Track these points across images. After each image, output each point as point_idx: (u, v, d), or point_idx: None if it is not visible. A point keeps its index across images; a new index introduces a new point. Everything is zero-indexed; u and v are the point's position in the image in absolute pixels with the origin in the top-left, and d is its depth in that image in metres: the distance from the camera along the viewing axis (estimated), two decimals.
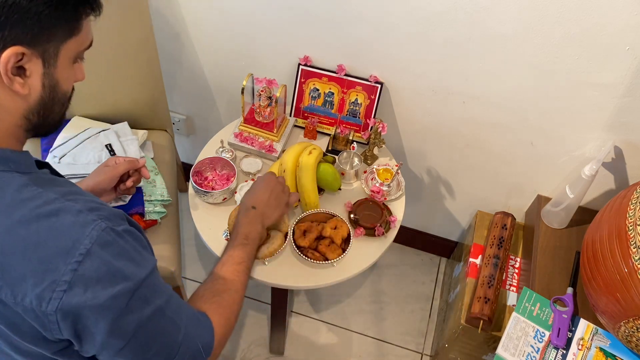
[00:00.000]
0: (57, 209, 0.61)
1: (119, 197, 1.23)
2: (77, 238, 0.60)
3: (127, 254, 0.65)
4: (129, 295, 0.63)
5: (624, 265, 0.96)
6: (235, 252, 0.92)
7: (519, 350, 1.09)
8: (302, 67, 1.35)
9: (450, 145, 1.45)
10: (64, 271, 0.59)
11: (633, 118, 1.16)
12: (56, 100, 0.67)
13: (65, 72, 0.66)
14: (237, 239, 0.95)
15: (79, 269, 0.59)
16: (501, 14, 1.09)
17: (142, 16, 1.29)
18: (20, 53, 0.59)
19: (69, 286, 0.59)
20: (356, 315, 1.76)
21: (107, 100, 1.40)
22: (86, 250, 0.60)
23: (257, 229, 1.00)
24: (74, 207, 0.62)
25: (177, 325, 0.71)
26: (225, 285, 0.87)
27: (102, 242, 0.61)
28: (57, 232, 0.60)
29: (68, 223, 0.61)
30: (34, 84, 0.63)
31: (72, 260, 0.59)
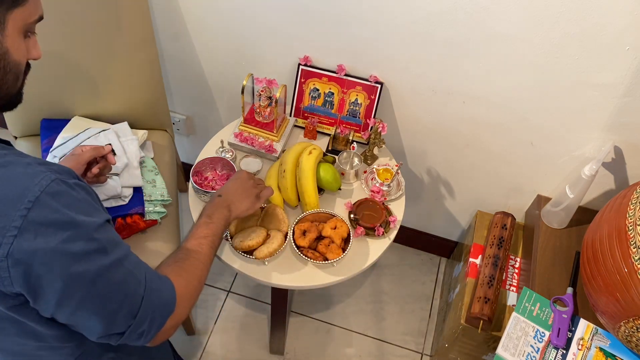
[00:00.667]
0: (7, 162, 0.62)
1: (119, 197, 1.23)
2: (26, 186, 0.60)
3: (78, 203, 0.64)
4: (82, 242, 0.62)
5: (624, 265, 0.96)
6: (199, 229, 0.92)
7: (519, 350, 1.09)
8: (302, 67, 1.35)
9: (450, 145, 1.45)
10: (13, 217, 0.59)
11: (633, 118, 1.16)
12: (8, 69, 0.66)
13: (14, 41, 0.66)
14: (201, 219, 0.95)
15: (29, 215, 0.59)
16: (501, 14, 1.09)
17: (142, 16, 1.29)
18: None
19: (19, 231, 0.59)
20: (356, 315, 1.76)
21: (107, 101, 1.40)
22: (35, 197, 0.60)
23: (222, 212, 0.98)
24: (24, 160, 0.63)
25: (137, 278, 0.70)
26: (188, 254, 0.86)
27: (52, 191, 0.61)
28: (6, 182, 0.60)
29: (17, 173, 0.61)
30: None
31: (21, 206, 0.59)
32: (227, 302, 1.76)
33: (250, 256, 1.13)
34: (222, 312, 1.74)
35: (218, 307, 1.75)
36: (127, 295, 0.69)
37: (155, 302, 0.72)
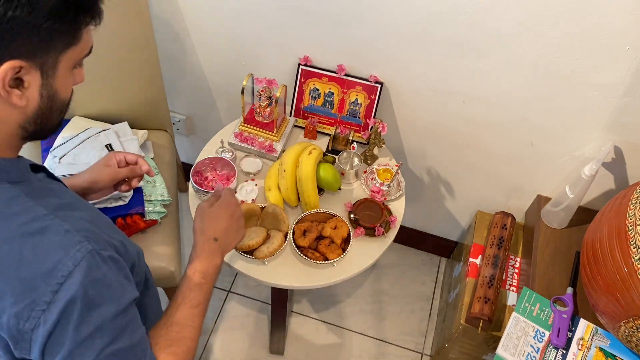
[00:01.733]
0: (44, 227, 0.60)
1: (119, 197, 1.23)
2: (60, 259, 0.59)
3: (107, 281, 0.63)
4: (99, 326, 0.62)
5: (624, 265, 0.96)
6: (192, 293, 0.81)
7: (519, 350, 1.09)
8: (302, 67, 1.35)
9: (450, 145, 1.45)
10: (44, 292, 0.59)
11: (633, 118, 1.16)
12: (54, 108, 0.66)
13: (64, 81, 0.65)
14: (195, 277, 0.83)
15: (59, 291, 0.59)
16: (501, 14, 1.09)
17: (142, 16, 1.29)
18: (18, 67, 0.58)
19: (47, 307, 0.59)
20: (356, 315, 1.76)
21: (107, 100, 1.40)
22: (68, 272, 0.59)
23: (217, 264, 0.86)
24: (62, 226, 0.61)
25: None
26: (181, 332, 0.79)
27: (85, 266, 0.60)
28: (41, 252, 0.59)
29: (53, 243, 0.60)
30: (32, 95, 0.62)
31: (53, 282, 0.59)
32: (227, 302, 1.76)
33: (250, 256, 1.13)
34: (222, 312, 1.74)
35: (218, 307, 1.75)
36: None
37: None
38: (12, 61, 0.57)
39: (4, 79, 0.58)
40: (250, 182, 1.27)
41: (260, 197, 1.26)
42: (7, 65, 0.57)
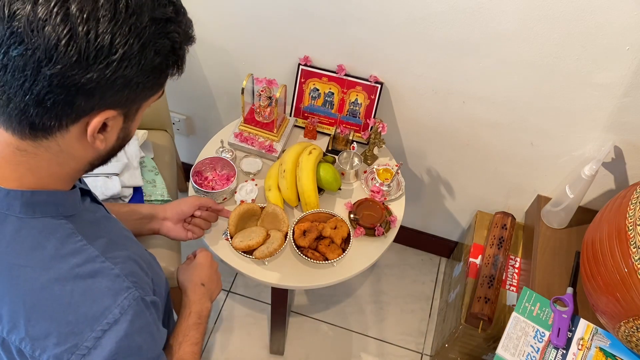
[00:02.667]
0: (96, 271, 0.62)
1: (119, 197, 1.23)
2: (108, 305, 0.61)
3: (149, 328, 0.66)
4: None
5: (624, 265, 0.96)
6: (192, 332, 0.88)
7: (519, 350, 1.09)
8: (302, 67, 1.35)
9: (450, 145, 1.45)
10: (87, 337, 0.60)
11: (633, 118, 1.16)
12: (123, 145, 0.67)
13: (138, 121, 0.66)
14: (192, 317, 0.90)
15: (103, 337, 0.60)
16: (501, 13, 1.09)
17: None
18: (109, 117, 0.59)
19: (88, 352, 0.60)
20: (356, 315, 1.76)
21: None
22: (114, 319, 0.61)
23: (208, 307, 0.95)
24: (113, 270, 0.63)
25: None
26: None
27: (131, 313, 0.62)
28: (90, 296, 0.61)
29: (103, 288, 0.61)
30: (110, 138, 0.63)
31: (98, 327, 0.60)
32: (227, 302, 1.76)
33: (250, 256, 1.13)
34: (222, 312, 1.74)
35: (218, 307, 1.75)
36: None
37: None
38: (106, 112, 0.58)
39: (95, 128, 0.58)
40: (250, 182, 1.27)
41: (260, 197, 1.26)
42: (102, 117, 0.58)
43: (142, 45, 0.55)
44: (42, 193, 0.62)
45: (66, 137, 0.59)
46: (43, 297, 0.60)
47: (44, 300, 0.59)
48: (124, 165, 1.26)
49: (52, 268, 0.60)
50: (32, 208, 0.62)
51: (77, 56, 0.52)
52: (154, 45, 0.57)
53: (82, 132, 0.59)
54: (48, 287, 0.60)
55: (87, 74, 0.53)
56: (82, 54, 0.52)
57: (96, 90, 0.55)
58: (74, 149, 0.61)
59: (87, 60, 0.52)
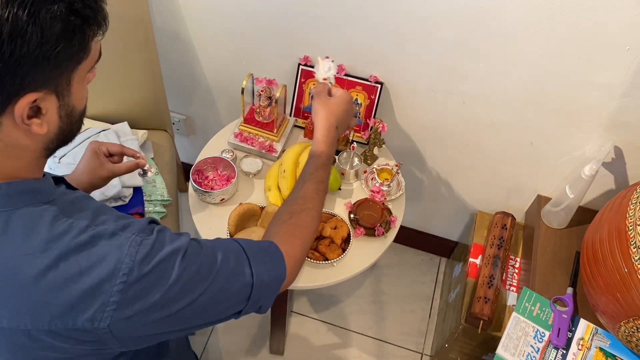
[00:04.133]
0: (91, 237, 0.62)
1: (119, 197, 1.23)
2: (118, 259, 0.61)
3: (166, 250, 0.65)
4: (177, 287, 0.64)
5: (624, 265, 0.96)
6: (319, 171, 0.91)
7: (519, 350, 1.09)
8: (302, 67, 1.35)
9: (451, 145, 1.45)
10: (111, 293, 0.60)
11: (633, 118, 1.16)
12: (74, 122, 0.66)
13: (78, 94, 0.64)
14: (321, 158, 0.93)
15: (125, 288, 0.60)
16: (501, 14, 1.09)
17: (142, 16, 1.29)
18: (33, 100, 0.57)
19: (117, 305, 0.60)
20: (356, 315, 1.76)
21: (107, 100, 1.40)
22: (129, 269, 0.61)
23: (335, 149, 0.99)
24: (107, 230, 0.63)
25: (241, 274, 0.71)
26: (304, 204, 0.86)
27: (142, 257, 0.62)
28: (97, 259, 0.61)
29: (105, 248, 0.61)
30: (51, 119, 0.61)
31: (117, 281, 0.60)
32: None
33: None
34: None
35: None
36: (234, 294, 0.71)
37: (266, 280, 0.73)
38: (27, 96, 0.56)
39: (22, 115, 0.57)
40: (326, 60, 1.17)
41: (260, 197, 1.26)
42: (23, 102, 0.56)
43: (31, 15, 0.52)
44: (17, 183, 0.62)
45: (3, 130, 0.58)
46: (53, 277, 0.59)
47: (55, 280, 0.59)
48: None
49: (50, 249, 0.60)
50: (12, 199, 0.61)
51: None
52: (46, 12, 0.53)
53: (15, 122, 0.57)
54: (54, 267, 0.59)
55: None
56: None
57: (3, 77, 0.53)
58: (19, 140, 0.60)
59: None
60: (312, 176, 0.90)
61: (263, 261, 0.74)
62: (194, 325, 0.69)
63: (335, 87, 1.04)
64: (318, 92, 1.03)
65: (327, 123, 0.97)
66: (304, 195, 0.88)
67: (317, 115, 0.99)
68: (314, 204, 0.87)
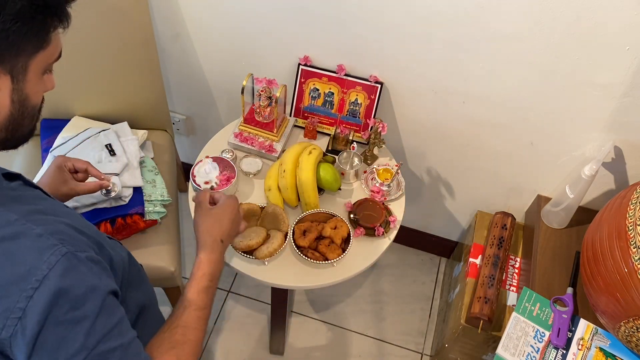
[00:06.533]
0: (16, 232, 0.58)
1: (119, 197, 1.23)
2: (33, 264, 0.57)
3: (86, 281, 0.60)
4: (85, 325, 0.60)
5: (624, 265, 0.96)
6: (200, 296, 0.81)
7: (519, 350, 1.09)
8: (302, 67, 1.35)
9: (450, 145, 1.45)
10: (18, 298, 0.56)
11: (633, 118, 1.16)
12: (26, 114, 0.64)
13: (34, 85, 0.64)
14: (203, 280, 0.82)
15: (34, 296, 0.56)
16: (501, 13, 1.09)
17: (142, 16, 1.29)
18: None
19: (23, 314, 0.56)
20: (356, 315, 1.76)
21: (107, 100, 1.40)
22: (43, 276, 0.57)
23: (222, 266, 0.88)
24: (34, 230, 0.59)
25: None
26: (186, 334, 0.77)
27: (61, 268, 0.58)
28: (13, 258, 0.57)
29: (25, 248, 0.58)
30: (2, 100, 0.60)
31: (27, 287, 0.56)
32: (227, 302, 1.76)
33: (250, 256, 1.13)
34: (222, 312, 1.74)
35: (218, 307, 1.75)
36: None
37: None
38: None
39: None
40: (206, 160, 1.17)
41: (260, 197, 1.26)
42: None
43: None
44: None
45: None
46: None
47: None
48: (124, 165, 1.26)
49: None
50: None
51: None
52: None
53: None
54: None
55: None
56: None
57: None
58: None
59: None
60: (193, 302, 0.80)
61: None
62: None
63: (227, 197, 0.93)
64: (199, 201, 0.92)
65: (210, 238, 0.87)
66: (185, 324, 0.78)
67: (199, 229, 0.88)
68: (195, 335, 0.78)
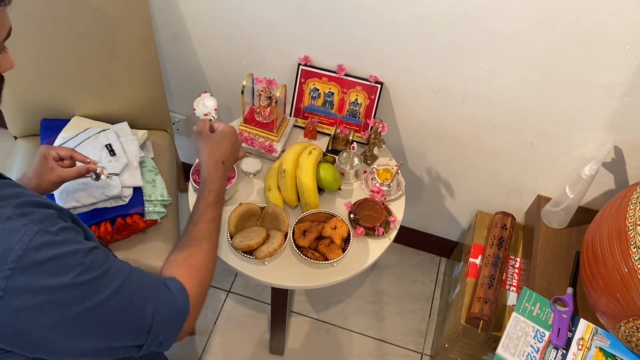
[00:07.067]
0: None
1: (119, 197, 1.23)
2: (6, 246, 0.57)
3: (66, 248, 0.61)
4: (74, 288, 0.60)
5: (624, 265, 0.96)
6: (209, 210, 0.88)
7: (519, 350, 1.09)
8: (302, 67, 1.35)
9: (450, 145, 1.45)
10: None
11: (633, 118, 1.17)
12: None
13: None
14: (211, 196, 0.90)
15: (12, 276, 0.57)
16: (501, 13, 1.09)
17: (142, 16, 1.29)
18: None
19: (3, 294, 0.56)
20: (356, 315, 1.77)
21: (107, 100, 1.40)
22: (18, 256, 0.57)
23: (225, 185, 0.97)
24: (3, 213, 0.59)
25: (142, 300, 0.68)
26: (197, 245, 0.83)
27: (35, 245, 0.58)
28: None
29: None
30: None
31: (4, 267, 0.56)
32: (227, 302, 1.76)
33: (250, 256, 1.13)
34: (222, 312, 1.74)
35: (218, 307, 1.75)
36: (133, 320, 0.67)
37: (168, 314, 0.71)
38: None
39: None
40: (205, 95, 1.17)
41: (261, 197, 1.26)
42: None
43: None
44: None
45: None
46: None
47: None
48: (124, 165, 1.26)
49: None
50: None
51: None
52: None
53: None
54: None
55: None
56: None
57: None
58: None
59: None
60: (203, 216, 0.87)
61: (164, 295, 0.72)
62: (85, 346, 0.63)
63: (225, 125, 1.01)
64: (200, 130, 1.00)
65: (212, 160, 0.96)
66: (196, 236, 0.85)
67: (201, 153, 0.97)
68: (207, 244, 0.85)
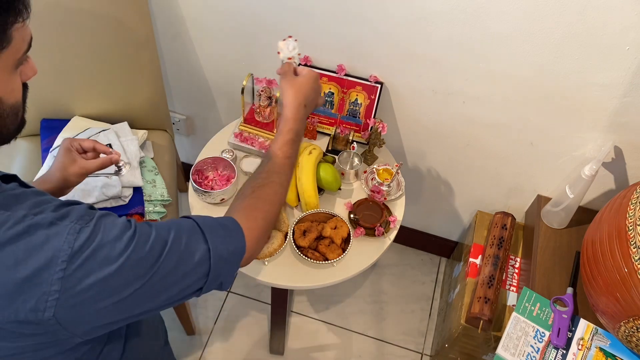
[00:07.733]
0: (28, 227, 0.60)
1: (119, 197, 1.23)
2: (56, 248, 0.59)
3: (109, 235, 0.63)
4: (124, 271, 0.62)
5: (624, 265, 0.96)
6: (286, 147, 0.90)
7: (519, 350, 1.09)
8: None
9: (450, 145, 1.45)
10: (51, 281, 0.58)
11: (633, 118, 1.16)
12: (5, 114, 0.63)
13: (6, 84, 0.62)
14: (290, 134, 0.92)
15: (66, 275, 0.59)
16: (501, 13, 1.09)
17: (142, 16, 1.29)
18: None
19: (60, 294, 0.59)
20: (356, 315, 1.76)
21: (107, 100, 1.40)
22: (67, 256, 0.59)
23: (305, 127, 1.00)
24: (45, 219, 0.61)
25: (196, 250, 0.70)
26: (268, 178, 0.85)
27: (81, 243, 0.60)
28: (34, 249, 0.59)
29: (42, 237, 0.59)
30: None
31: (56, 269, 0.58)
32: (227, 302, 1.76)
33: None
34: (222, 312, 1.74)
35: (218, 307, 1.75)
36: (190, 272, 0.69)
37: (224, 255, 0.72)
38: None
39: None
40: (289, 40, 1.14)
41: None
42: None
43: None
44: None
45: None
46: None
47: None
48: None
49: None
50: None
51: None
52: None
53: None
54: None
55: None
56: None
57: None
58: None
59: None
60: (280, 151, 0.89)
61: (220, 236, 0.73)
62: (150, 308, 0.67)
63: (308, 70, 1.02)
64: (284, 72, 1.02)
65: (296, 101, 0.96)
66: (269, 169, 0.87)
67: (285, 94, 0.98)
68: (280, 178, 0.87)
